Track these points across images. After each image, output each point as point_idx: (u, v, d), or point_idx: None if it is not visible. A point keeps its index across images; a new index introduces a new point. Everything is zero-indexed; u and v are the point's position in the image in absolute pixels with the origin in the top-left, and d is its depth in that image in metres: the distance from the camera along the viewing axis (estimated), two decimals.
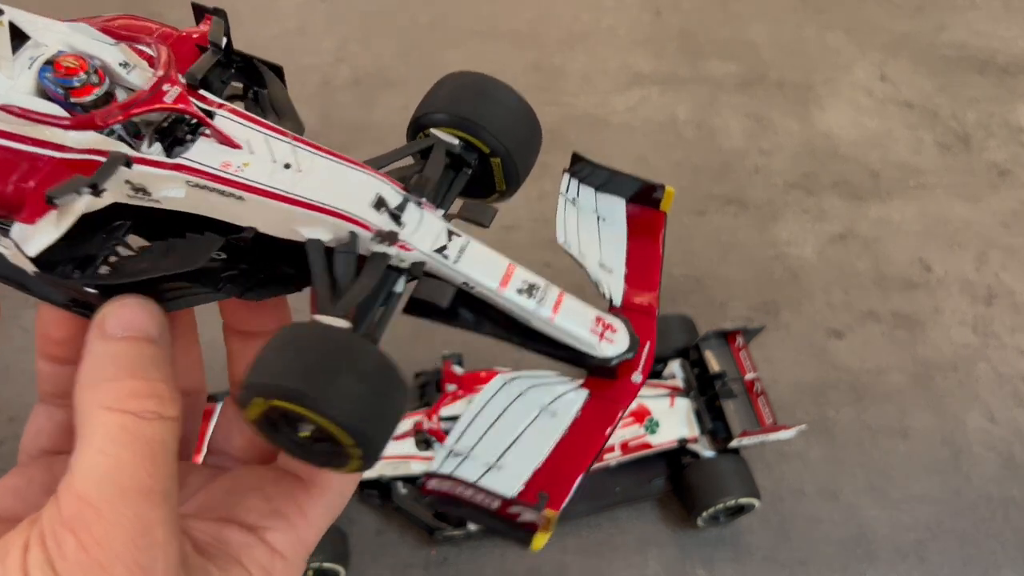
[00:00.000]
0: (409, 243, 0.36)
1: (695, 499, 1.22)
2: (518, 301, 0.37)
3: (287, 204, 0.35)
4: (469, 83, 0.44)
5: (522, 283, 0.38)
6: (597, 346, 0.38)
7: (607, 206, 0.45)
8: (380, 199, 0.36)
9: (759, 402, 1.25)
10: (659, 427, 1.23)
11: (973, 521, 1.30)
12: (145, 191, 0.36)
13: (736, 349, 1.30)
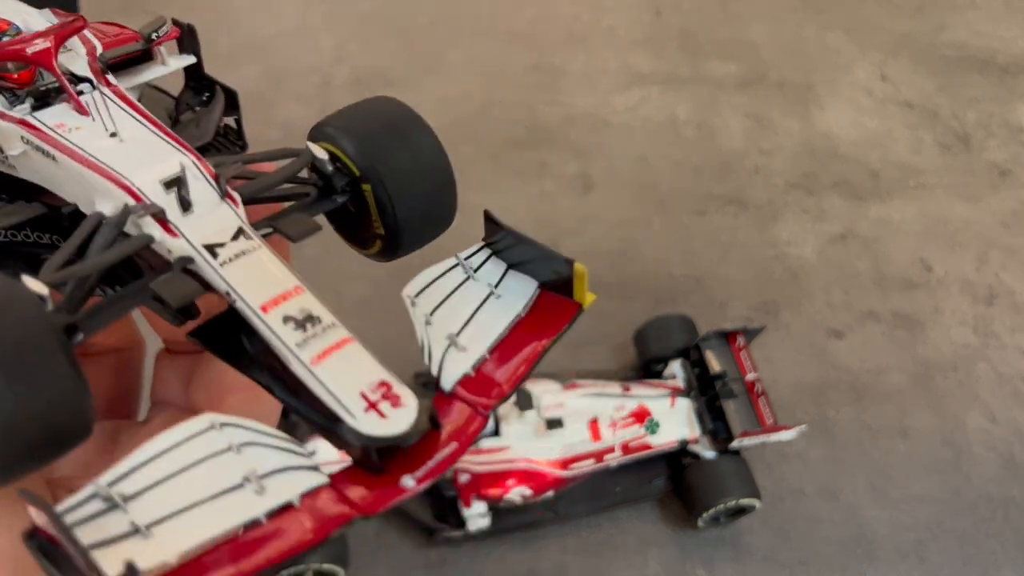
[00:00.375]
0: (178, 228, 0.30)
1: (695, 500, 1.22)
2: (279, 331, 0.29)
3: (85, 168, 0.32)
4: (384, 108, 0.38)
5: (297, 311, 0.30)
6: (356, 414, 0.28)
7: (513, 285, 0.36)
8: (178, 179, 0.31)
9: (760, 402, 1.25)
10: (659, 427, 1.23)
11: (973, 521, 1.29)
12: (2, 151, 0.34)
13: (737, 349, 1.30)
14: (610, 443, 1.21)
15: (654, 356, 1.35)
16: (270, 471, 0.26)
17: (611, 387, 1.26)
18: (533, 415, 1.20)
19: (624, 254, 1.61)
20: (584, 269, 0.33)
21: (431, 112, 1.53)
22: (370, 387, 0.29)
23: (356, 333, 0.31)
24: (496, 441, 1.18)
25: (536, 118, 1.85)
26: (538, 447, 1.19)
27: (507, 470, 1.17)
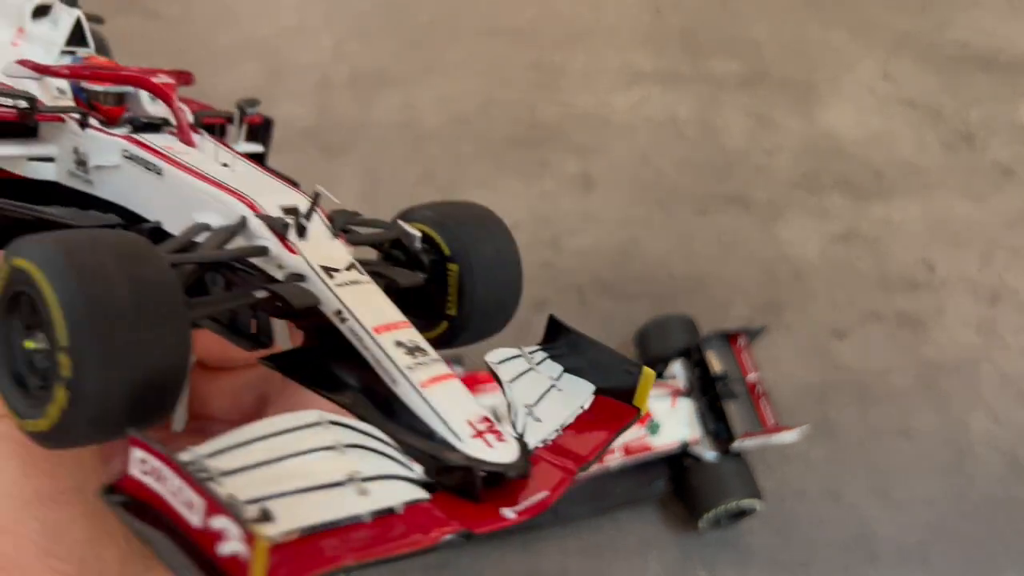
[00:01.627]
0: (297, 247, 0.32)
1: (697, 501, 1.21)
2: (391, 352, 0.30)
3: (198, 180, 0.34)
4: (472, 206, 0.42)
5: (407, 340, 0.31)
6: (464, 438, 0.28)
7: (570, 384, 0.36)
8: (295, 207, 0.33)
9: (761, 403, 1.24)
10: (660, 428, 1.22)
11: (976, 522, 1.29)
12: (85, 165, 0.36)
13: (738, 350, 1.29)
14: (611, 444, 1.20)
15: (655, 356, 1.34)
16: (373, 475, 0.26)
17: None
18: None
19: (625, 254, 1.60)
20: (652, 373, 0.34)
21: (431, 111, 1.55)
22: (476, 419, 0.29)
23: None
24: None
25: (536, 117, 1.84)
26: None
27: None
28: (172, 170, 0.34)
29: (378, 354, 0.30)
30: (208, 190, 0.34)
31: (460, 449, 0.28)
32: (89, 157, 0.36)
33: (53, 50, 0.40)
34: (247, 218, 0.32)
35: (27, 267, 0.24)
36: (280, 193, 0.35)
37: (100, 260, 0.24)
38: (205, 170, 0.35)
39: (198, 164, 0.35)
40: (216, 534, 0.22)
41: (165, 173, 0.34)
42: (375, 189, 1.71)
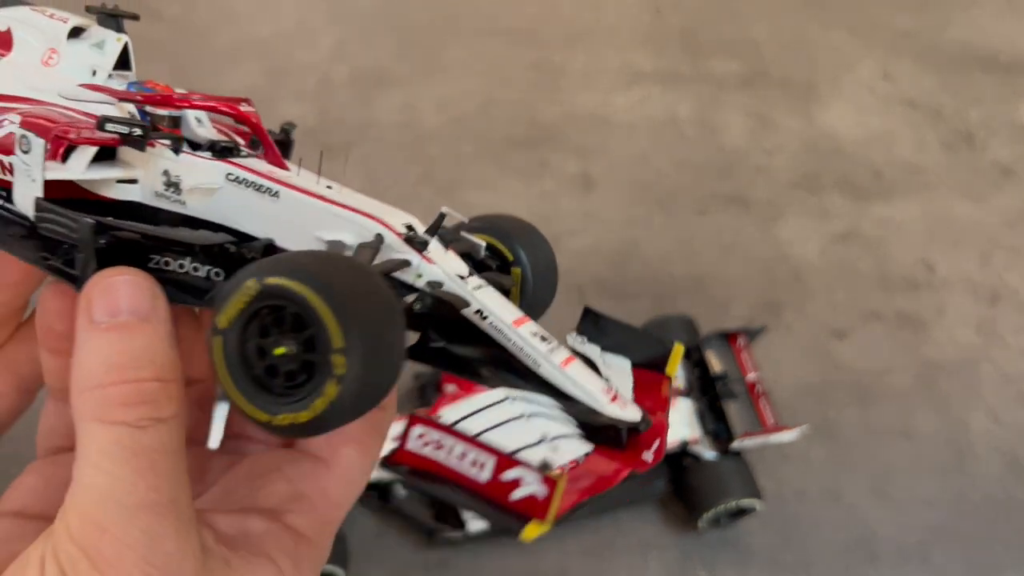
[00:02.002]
0: (433, 258, 0.37)
1: (696, 501, 1.21)
2: (531, 340, 0.36)
3: (322, 203, 0.37)
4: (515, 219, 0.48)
5: (536, 331, 0.38)
6: (607, 405, 0.36)
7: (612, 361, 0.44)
8: (411, 225, 0.38)
9: (761, 403, 1.24)
10: None
11: (977, 523, 1.29)
12: (178, 186, 0.38)
13: (738, 350, 1.29)
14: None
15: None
16: (557, 435, 0.35)
17: None
18: None
19: (625, 253, 1.60)
20: (682, 346, 0.42)
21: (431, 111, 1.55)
22: (604, 388, 0.37)
23: None
24: None
25: (536, 117, 1.84)
26: None
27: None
28: (291, 193, 0.37)
29: (520, 343, 0.36)
30: (337, 211, 0.37)
31: (604, 412, 0.35)
32: (183, 180, 0.37)
33: (101, 74, 0.41)
34: (383, 236, 0.36)
35: (292, 285, 0.29)
36: (398, 215, 0.39)
37: (350, 278, 0.30)
38: (321, 192, 0.38)
39: (310, 187, 0.38)
40: (509, 484, 0.32)
41: (283, 196, 0.37)
42: (375, 189, 1.70)
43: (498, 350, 0.37)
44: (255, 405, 0.31)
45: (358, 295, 0.29)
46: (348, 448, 0.40)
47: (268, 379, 0.31)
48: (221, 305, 0.30)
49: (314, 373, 0.29)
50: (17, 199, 0.36)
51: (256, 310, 0.30)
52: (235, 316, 0.30)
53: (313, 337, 0.29)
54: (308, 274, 0.29)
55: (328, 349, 0.29)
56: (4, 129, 0.36)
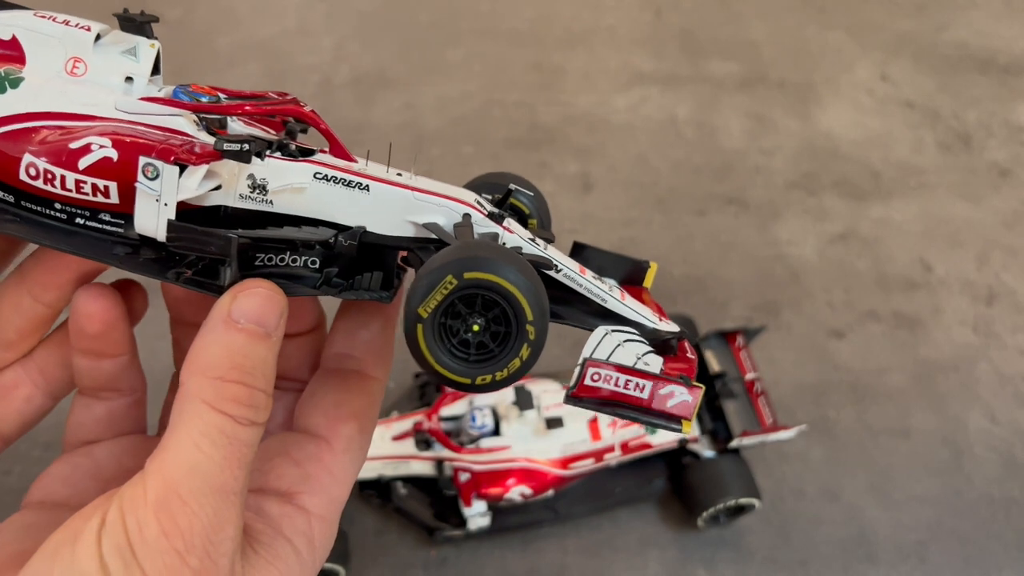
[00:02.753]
0: (512, 228, 0.43)
1: (695, 499, 1.21)
2: (595, 283, 0.44)
3: (411, 191, 0.42)
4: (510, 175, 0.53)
5: (594, 274, 0.46)
6: (657, 322, 0.45)
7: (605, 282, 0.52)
8: (479, 201, 0.44)
9: (759, 402, 1.24)
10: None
11: (974, 522, 1.29)
12: (264, 188, 0.40)
13: (736, 349, 1.30)
14: (610, 442, 1.21)
15: None
16: (644, 353, 0.41)
17: None
18: (533, 415, 1.19)
19: (624, 253, 1.60)
20: (656, 265, 0.53)
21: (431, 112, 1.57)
22: (650, 313, 0.46)
23: None
24: (496, 440, 1.18)
25: (536, 118, 1.85)
26: (538, 447, 1.19)
27: (507, 469, 1.17)
28: (379, 185, 0.42)
29: (590, 287, 0.44)
30: (427, 198, 0.42)
31: (659, 327, 0.44)
32: (269, 182, 0.40)
33: (139, 81, 0.42)
34: (470, 215, 0.42)
35: (489, 277, 0.35)
36: (464, 192, 0.45)
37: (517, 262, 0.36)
38: (397, 180, 0.43)
39: (390, 177, 0.43)
40: (665, 396, 0.39)
41: (373, 189, 0.42)
42: None
43: (573, 293, 0.44)
44: (457, 373, 0.38)
45: (528, 276, 0.36)
46: (347, 425, 0.42)
47: (462, 351, 0.38)
48: (419, 299, 0.36)
49: (507, 341, 0.37)
50: (141, 222, 0.38)
51: (453, 299, 0.36)
52: (435, 306, 0.36)
53: (503, 314, 0.36)
54: (497, 265, 0.35)
55: (524, 321, 0.36)
56: (95, 154, 0.37)
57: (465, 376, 0.38)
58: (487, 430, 1.18)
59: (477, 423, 1.17)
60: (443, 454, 1.17)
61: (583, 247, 0.52)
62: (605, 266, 0.51)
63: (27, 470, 1.26)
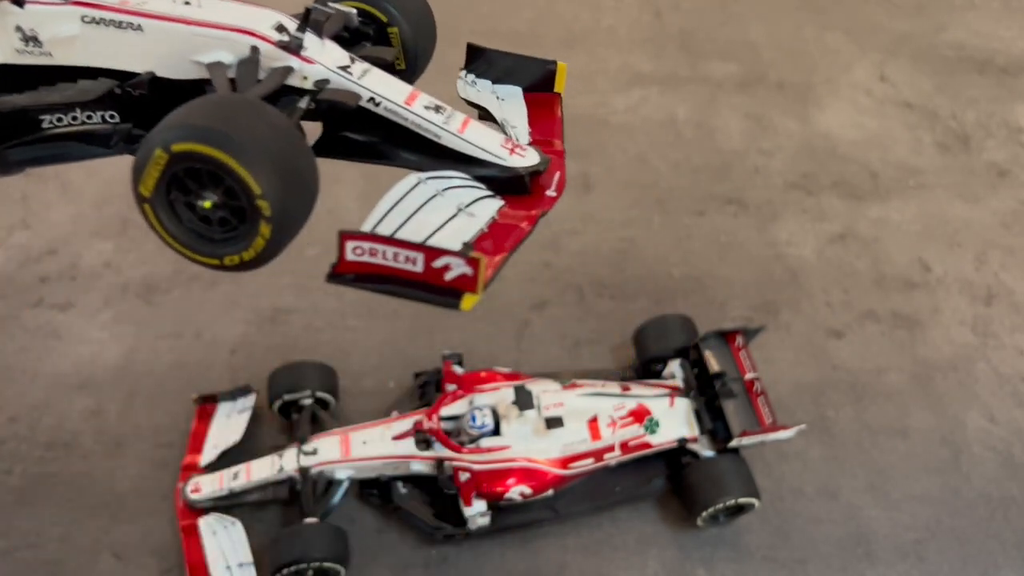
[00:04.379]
0: (313, 57, 0.38)
1: (695, 499, 1.22)
2: (426, 115, 0.40)
3: (189, 26, 0.37)
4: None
5: (429, 102, 0.41)
6: (508, 158, 0.40)
7: (505, 92, 0.47)
8: (280, 24, 0.39)
9: (759, 402, 1.25)
10: (659, 427, 1.23)
11: (972, 520, 1.30)
12: (36, 39, 0.36)
13: (736, 349, 1.30)
14: (609, 442, 1.21)
15: (653, 356, 1.35)
16: (471, 201, 0.38)
17: (610, 387, 1.26)
18: (533, 415, 1.20)
19: (624, 254, 1.61)
20: (564, 65, 0.47)
21: None
22: (503, 141, 0.41)
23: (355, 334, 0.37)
24: (496, 440, 1.18)
25: None
26: (538, 446, 1.19)
27: (507, 469, 1.17)
28: (153, 23, 0.36)
29: (417, 120, 0.40)
30: (207, 32, 0.36)
31: (507, 164, 0.40)
32: (39, 31, 0.36)
33: None
34: (258, 47, 0.37)
35: (198, 148, 0.30)
36: (264, 17, 0.39)
37: (245, 121, 0.31)
38: (184, 14, 0.37)
39: (169, 10, 0.37)
40: (441, 269, 0.34)
41: (146, 27, 0.36)
42: (377, 190, 1.71)
43: (399, 130, 0.39)
44: (202, 254, 0.34)
45: (257, 138, 0.31)
46: None
47: (205, 228, 0.34)
48: (138, 175, 0.32)
49: (245, 218, 0.32)
50: None
51: (173, 173, 0.32)
52: (154, 184, 0.32)
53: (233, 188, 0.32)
54: (207, 132, 0.30)
55: (251, 196, 0.32)
56: None
57: (212, 256, 0.35)
58: (487, 430, 1.18)
59: (477, 423, 1.18)
60: (443, 454, 1.17)
61: (480, 51, 0.48)
62: (511, 71, 0.47)
63: (28, 470, 1.27)
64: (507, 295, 1.51)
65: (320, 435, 1.22)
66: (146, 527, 1.20)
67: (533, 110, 0.46)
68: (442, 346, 1.36)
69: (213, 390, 1.29)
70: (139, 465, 1.29)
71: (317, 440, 1.20)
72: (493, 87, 0.47)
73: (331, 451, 1.19)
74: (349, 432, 1.22)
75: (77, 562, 1.17)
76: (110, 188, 1.62)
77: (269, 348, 1.43)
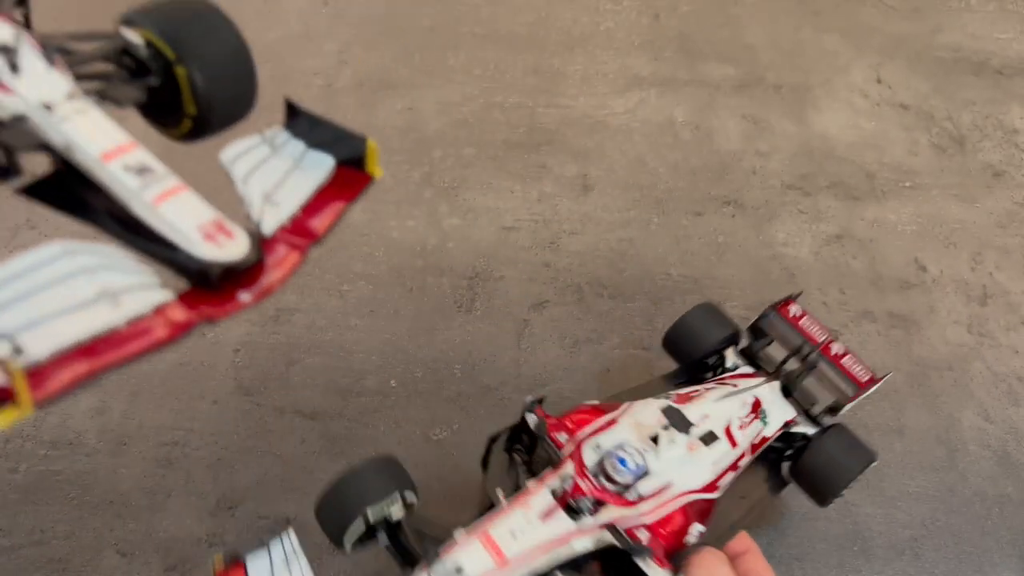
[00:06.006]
0: (12, 87, 0.33)
1: (827, 482, 1.07)
2: (120, 177, 0.33)
3: None
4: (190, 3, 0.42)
5: (135, 162, 0.34)
6: (196, 243, 0.33)
7: (313, 160, 0.41)
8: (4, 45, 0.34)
9: (844, 362, 1.14)
10: (769, 416, 1.07)
11: (968, 518, 1.31)
12: None
13: (794, 319, 1.20)
14: (743, 447, 1.01)
15: (702, 357, 1.19)
16: (123, 288, 0.30)
17: (724, 386, 1.09)
18: (683, 438, 0.95)
19: (623, 254, 1.62)
20: (375, 145, 0.40)
21: (433, 114, 1.59)
22: (204, 222, 0.34)
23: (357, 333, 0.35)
24: (655, 480, 0.90)
25: (536, 120, 1.87)
26: (691, 472, 0.94)
27: (678, 509, 0.91)
28: None
29: (111, 180, 0.33)
30: None
31: (195, 253, 0.33)
32: None
33: None
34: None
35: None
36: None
37: None
38: None
39: None
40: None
41: None
42: (378, 191, 1.73)
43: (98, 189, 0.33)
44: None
45: None
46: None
47: None
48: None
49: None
50: None
51: None
52: None
53: None
54: None
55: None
56: None
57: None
58: (643, 470, 0.89)
59: (629, 466, 0.88)
60: (610, 516, 0.85)
61: (296, 112, 0.41)
62: (326, 141, 0.40)
63: (33, 468, 1.28)
64: (507, 295, 1.53)
65: (450, 546, 0.81)
66: (149, 524, 1.21)
67: (330, 190, 0.38)
68: (442, 345, 1.37)
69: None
70: (143, 463, 1.30)
71: (452, 554, 0.81)
72: (305, 151, 0.40)
73: (481, 561, 0.79)
74: (483, 531, 0.82)
75: (82, 559, 1.18)
76: None
77: (272, 347, 1.44)
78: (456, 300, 1.52)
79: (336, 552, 1.21)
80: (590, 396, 1.38)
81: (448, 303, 1.51)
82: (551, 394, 1.39)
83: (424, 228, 1.62)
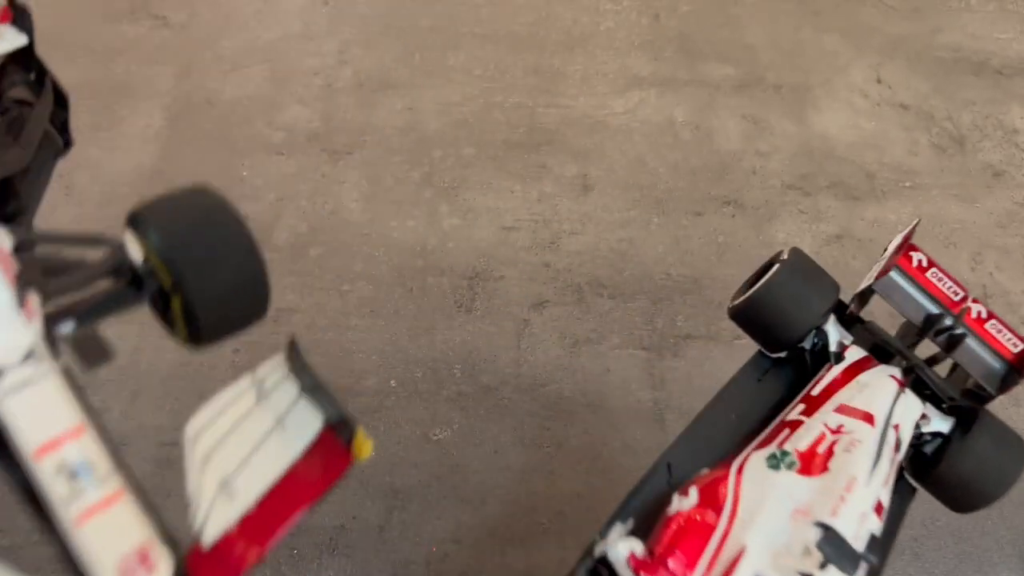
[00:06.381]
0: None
1: (979, 491, 0.86)
2: (46, 481, 0.27)
3: None
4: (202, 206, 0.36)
5: (73, 459, 0.28)
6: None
7: (299, 417, 0.35)
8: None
9: (986, 328, 0.87)
10: (903, 432, 0.85)
11: (968, 519, 1.30)
12: None
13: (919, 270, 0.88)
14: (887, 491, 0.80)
15: (801, 335, 0.92)
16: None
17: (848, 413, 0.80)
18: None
19: (623, 254, 1.62)
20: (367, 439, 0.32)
21: (433, 114, 1.58)
22: (127, 551, 0.28)
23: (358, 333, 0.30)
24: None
25: (536, 120, 1.86)
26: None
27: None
28: None
29: (39, 485, 0.27)
30: None
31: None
32: None
33: None
34: None
35: None
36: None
37: None
38: None
39: None
40: None
41: None
42: (378, 191, 1.73)
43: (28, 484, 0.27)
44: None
45: None
46: None
47: None
48: None
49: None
50: None
51: None
52: None
53: None
54: None
55: None
56: None
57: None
58: None
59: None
60: None
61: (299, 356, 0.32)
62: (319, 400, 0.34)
63: None
64: (507, 295, 1.52)
65: None
66: None
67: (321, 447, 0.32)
68: (442, 344, 1.37)
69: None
70: (142, 463, 1.30)
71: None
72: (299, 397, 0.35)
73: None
74: None
75: None
76: (114, 189, 1.64)
77: (272, 347, 1.44)
78: (456, 300, 1.52)
79: (336, 552, 1.21)
80: (590, 396, 1.38)
81: (448, 303, 1.52)
82: (551, 394, 1.39)
83: (424, 228, 1.63)
